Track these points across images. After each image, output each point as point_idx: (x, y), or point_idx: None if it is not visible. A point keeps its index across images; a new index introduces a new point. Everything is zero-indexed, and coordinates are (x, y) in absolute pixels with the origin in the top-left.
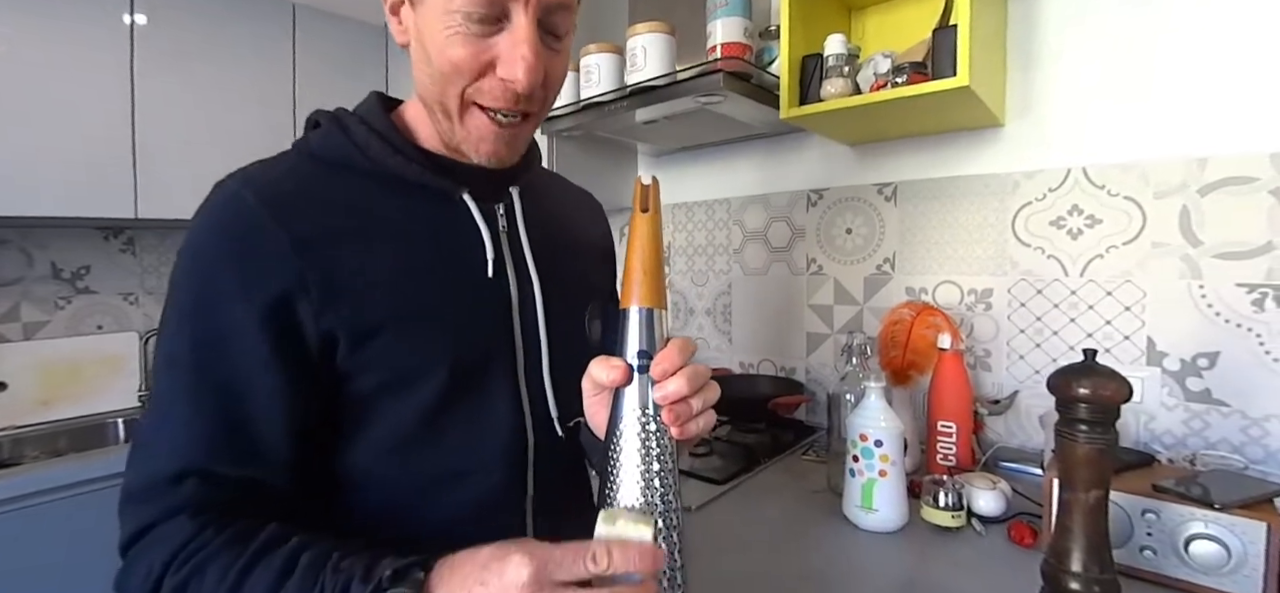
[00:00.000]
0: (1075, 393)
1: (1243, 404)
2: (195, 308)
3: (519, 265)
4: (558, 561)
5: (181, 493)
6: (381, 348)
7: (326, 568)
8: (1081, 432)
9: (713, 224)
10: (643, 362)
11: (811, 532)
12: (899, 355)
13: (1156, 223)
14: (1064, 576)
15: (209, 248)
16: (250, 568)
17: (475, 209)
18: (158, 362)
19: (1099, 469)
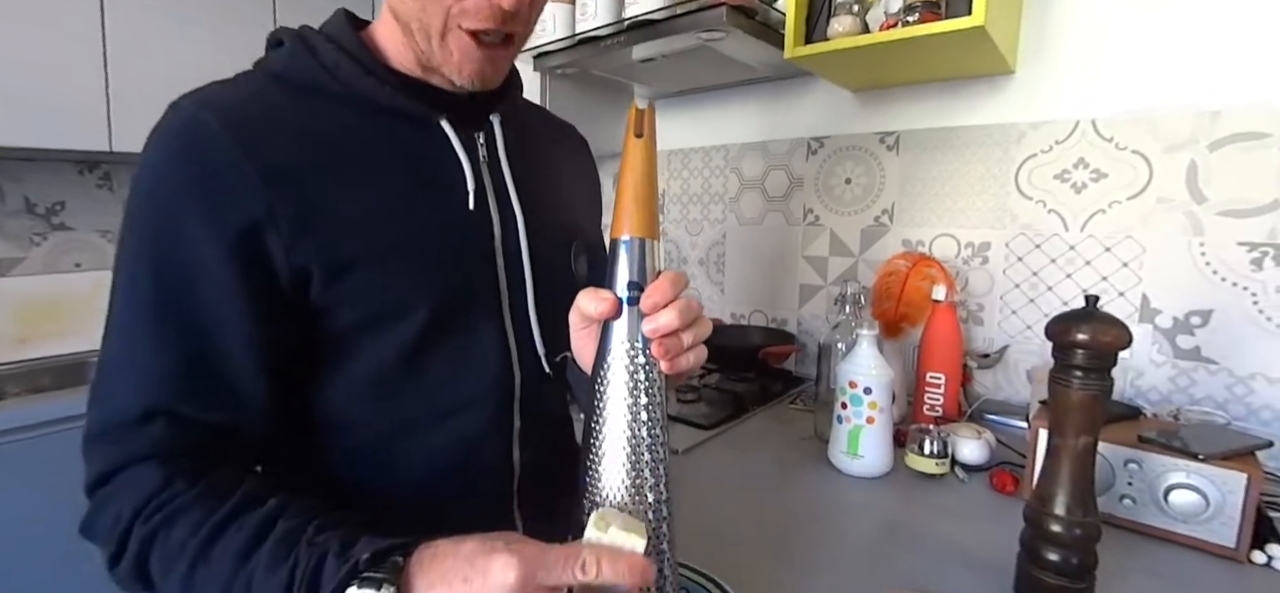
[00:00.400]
0: (1073, 339)
1: (1230, 363)
2: (155, 240)
3: (501, 197)
4: (547, 565)
5: (149, 436)
6: (358, 283)
7: (302, 541)
8: (1076, 377)
9: (709, 172)
10: (633, 294)
11: (796, 476)
12: (892, 307)
13: (1163, 178)
14: (1047, 518)
15: (169, 175)
16: (223, 526)
17: (454, 137)
18: (116, 295)
19: (1091, 416)
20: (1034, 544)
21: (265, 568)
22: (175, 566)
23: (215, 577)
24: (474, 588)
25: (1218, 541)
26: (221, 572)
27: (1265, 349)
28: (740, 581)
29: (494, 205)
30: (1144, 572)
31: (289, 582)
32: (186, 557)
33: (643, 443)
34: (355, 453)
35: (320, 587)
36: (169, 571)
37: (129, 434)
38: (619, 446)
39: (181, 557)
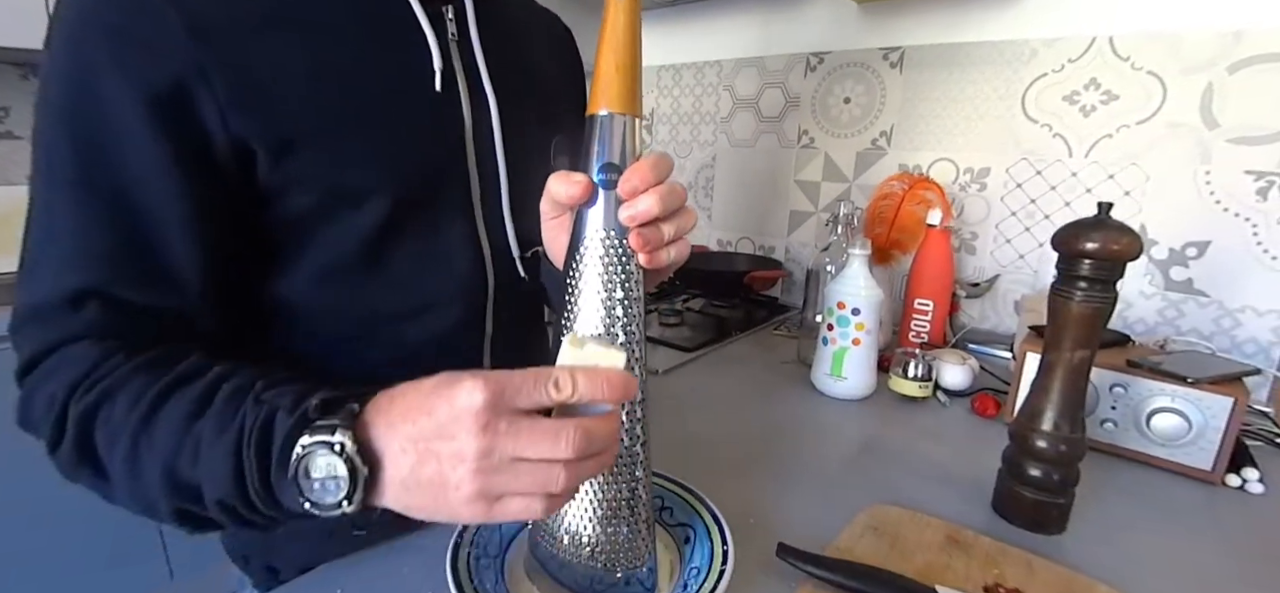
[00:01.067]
0: (1081, 248)
1: (1222, 295)
2: (74, 105)
3: (473, 82)
4: (516, 387)
5: (82, 318)
6: (310, 163)
7: (248, 398)
8: (1080, 290)
9: (701, 90)
10: (609, 177)
11: (777, 397)
12: (884, 233)
13: (1176, 101)
14: (1033, 434)
15: (85, 28)
16: (165, 396)
17: (419, 9)
18: (36, 169)
19: (1091, 330)
20: (1017, 460)
21: (212, 430)
22: (118, 440)
23: (160, 447)
24: (438, 418)
25: (1195, 463)
26: (166, 440)
27: (1258, 281)
28: (716, 493)
29: (464, 90)
30: (1118, 491)
31: (237, 442)
32: (129, 430)
33: (617, 341)
34: (316, 354)
35: (271, 443)
36: (113, 446)
37: (59, 316)
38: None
39: (124, 431)
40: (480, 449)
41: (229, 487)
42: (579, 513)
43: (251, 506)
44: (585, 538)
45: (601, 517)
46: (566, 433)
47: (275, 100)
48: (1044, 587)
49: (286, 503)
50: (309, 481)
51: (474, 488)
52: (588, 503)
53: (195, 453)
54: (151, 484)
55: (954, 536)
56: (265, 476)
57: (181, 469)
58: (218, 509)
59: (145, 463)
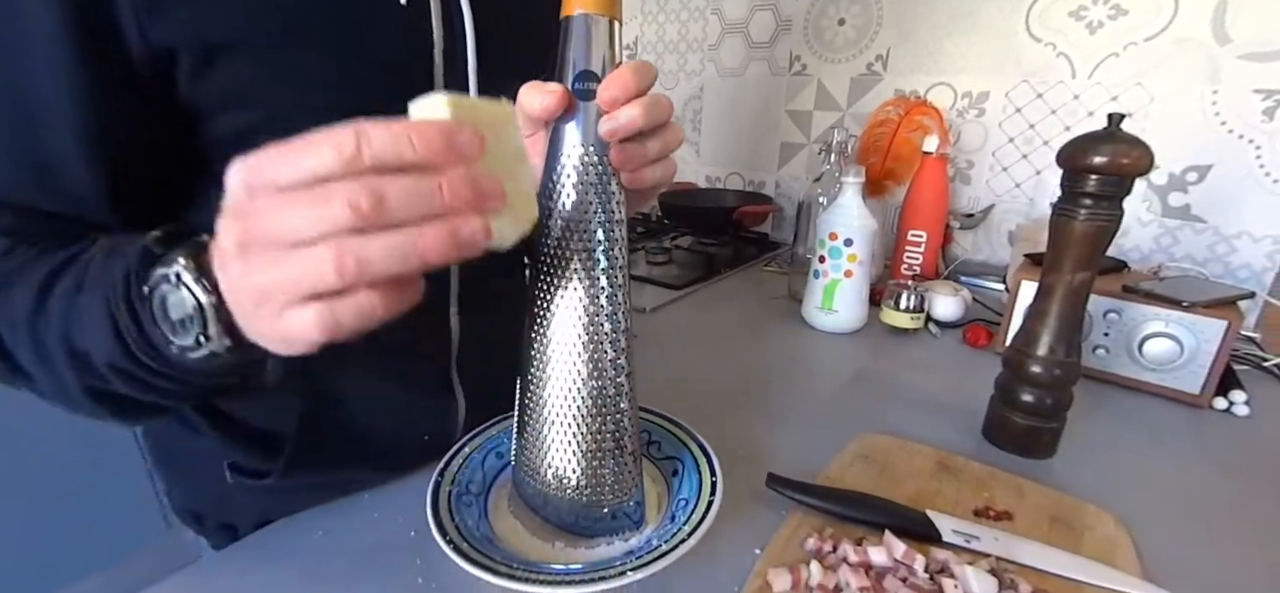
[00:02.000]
0: (1089, 162)
1: (1218, 221)
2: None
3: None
4: (276, 154)
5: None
6: (240, 74)
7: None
8: (1085, 206)
9: (687, 15)
10: (587, 86)
11: (767, 332)
12: (878, 162)
13: (1188, 14)
14: (1027, 359)
15: None
16: (56, 274)
17: None
18: None
19: (1094, 250)
20: (1011, 386)
21: (89, 293)
22: (19, 329)
23: (55, 325)
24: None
25: (1184, 387)
26: (58, 316)
27: (1257, 205)
28: (706, 428)
29: (436, 4)
30: (1108, 416)
31: (107, 297)
32: (26, 315)
33: (598, 267)
34: None
35: (130, 289)
36: (16, 335)
37: None
38: (571, 271)
39: (22, 317)
40: (238, 240)
41: (112, 345)
42: (563, 449)
43: (139, 363)
44: (570, 473)
45: (586, 451)
46: (340, 193)
47: (205, 9)
48: (1034, 509)
49: (164, 353)
50: (170, 323)
51: (251, 292)
52: (572, 438)
53: (81, 320)
54: (58, 366)
55: (944, 462)
56: (138, 326)
57: (74, 338)
58: (115, 376)
59: (49, 345)
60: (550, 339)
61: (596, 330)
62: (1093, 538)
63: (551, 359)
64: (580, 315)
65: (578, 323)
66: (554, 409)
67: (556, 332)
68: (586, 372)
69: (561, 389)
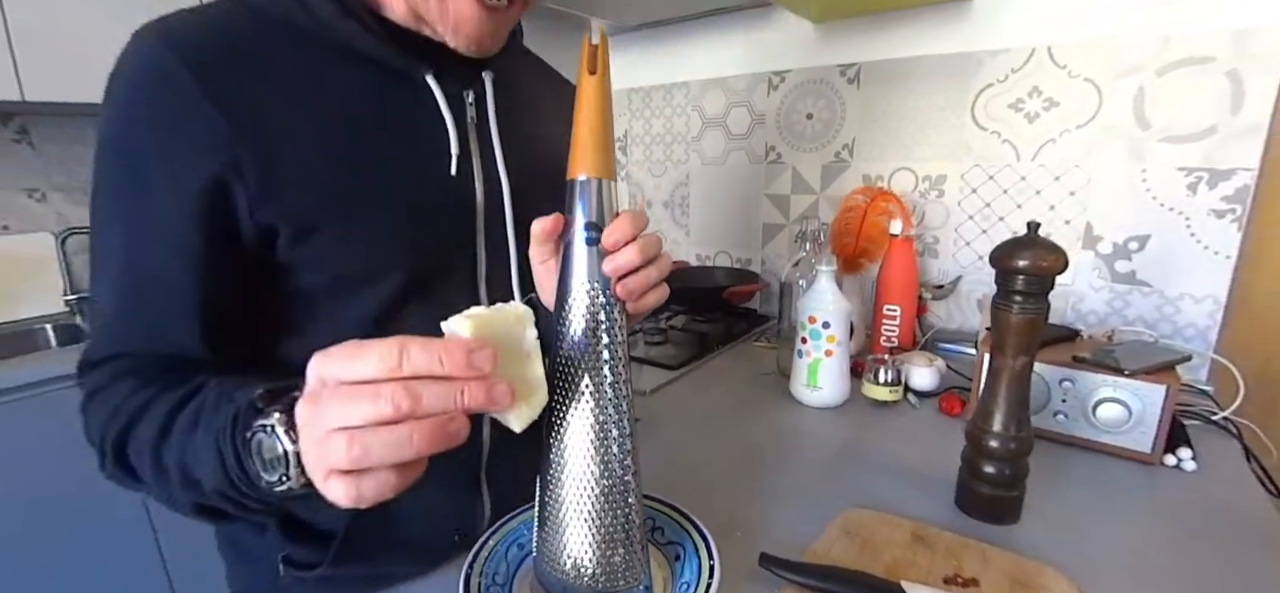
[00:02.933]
0: (1014, 265)
1: (1162, 284)
2: (120, 191)
3: (487, 161)
4: (335, 356)
5: (118, 367)
6: (326, 245)
7: (236, 389)
8: (1016, 302)
9: (671, 111)
10: (591, 234)
11: (759, 409)
12: (851, 243)
13: (1111, 105)
14: (985, 435)
15: (132, 125)
16: (173, 415)
17: (440, 95)
18: (94, 237)
19: (1029, 337)
20: (973, 460)
21: (203, 432)
22: (144, 455)
23: (174, 455)
24: None
25: (1136, 447)
26: (177, 449)
27: (1193, 270)
28: (706, 509)
29: (478, 170)
30: (1071, 480)
31: (216, 437)
32: (150, 446)
33: (605, 381)
34: None
35: (235, 432)
36: (141, 459)
37: (101, 368)
38: (582, 387)
39: (147, 447)
40: (307, 418)
41: (219, 476)
42: (579, 541)
43: (238, 489)
44: (586, 563)
45: (600, 542)
46: (385, 393)
47: (300, 189)
48: (998, 573)
49: (258, 484)
50: (262, 460)
51: (319, 463)
52: (587, 530)
53: (196, 454)
54: (174, 486)
55: (919, 533)
56: (240, 463)
57: (190, 468)
58: (218, 498)
59: (167, 465)
60: (566, 444)
61: (604, 434)
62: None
63: (567, 461)
64: (591, 423)
65: (589, 429)
66: (570, 505)
67: (571, 437)
68: (598, 471)
69: (576, 487)
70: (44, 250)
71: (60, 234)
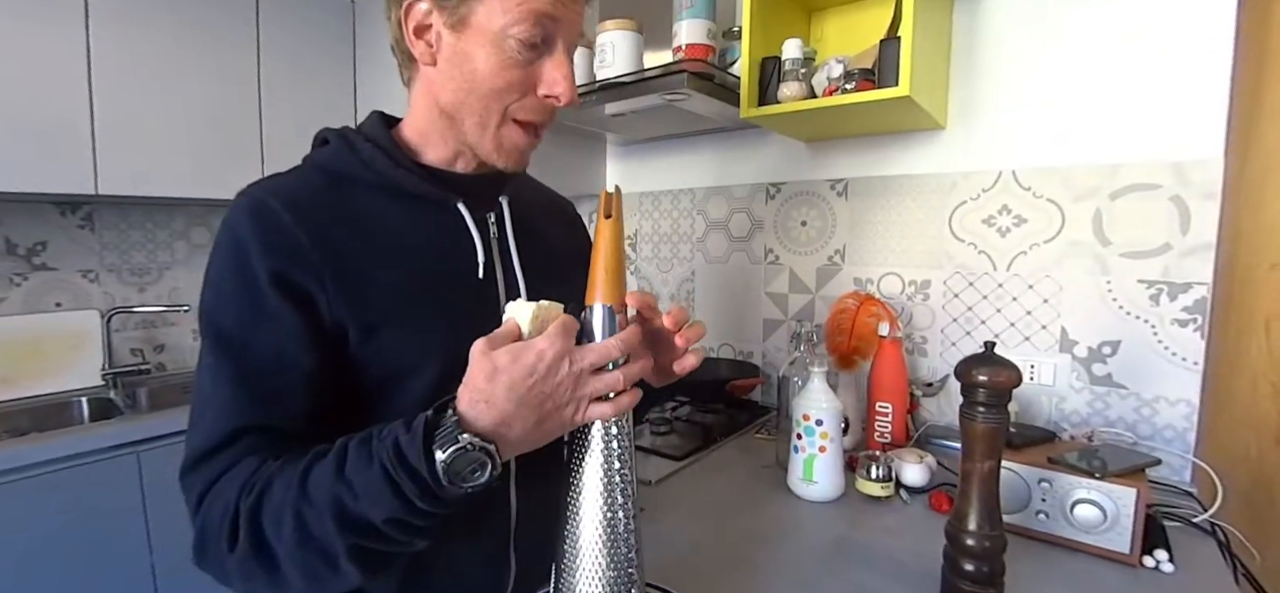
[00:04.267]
0: (975, 379)
1: (1137, 387)
2: (234, 293)
3: (507, 268)
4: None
5: (239, 447)
6: (384, 341)
7: (373, 438)
8: (979, 412)
9: (677, 213)
10: None
11: (757, 501)
12: (845, 341)
13: (1074, 223)
14: (963, 534)
15: (244, 243)
16: (309, 470)
17: (469, 217)
18: (204, 342)
19: (993, 443)
20: (954, 557)
21: (360, 473)
22: (283, 517)
23: (321, 502)
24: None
25: (1115, 548)
26: (324, 496)
27: (1165, 374)
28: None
29: (500, 275)
30: (1055, 581)
31: (384, 470)
32: (290, 505)
33: (614, 473)
34: None
35: (406, 457)
36: (279, 525)
37: (222, 451)
38: (594, 481)
39: (286, 506)
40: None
41: (394, 504)
42: None
43: (415, 509)
44: None
45: None
46: (613, 343)
47: (365, 296)
48: None
49: (449, 496)
50: (461, 475)
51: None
52: None
53: (353, 493)
54: (324, 534)
55: None
56: (424, 486)
57: (348, 509)
58: (390, 526)
59: (311, 521)
60: (579, 533)
61: (613, 525)
62: None
63: (580, 550)
64: (600, 512)
65: (598, 518)
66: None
67: (583, 526)
68: (605, 561)
69: (586, 577)
70: (90, 327)
71: (106, 313)
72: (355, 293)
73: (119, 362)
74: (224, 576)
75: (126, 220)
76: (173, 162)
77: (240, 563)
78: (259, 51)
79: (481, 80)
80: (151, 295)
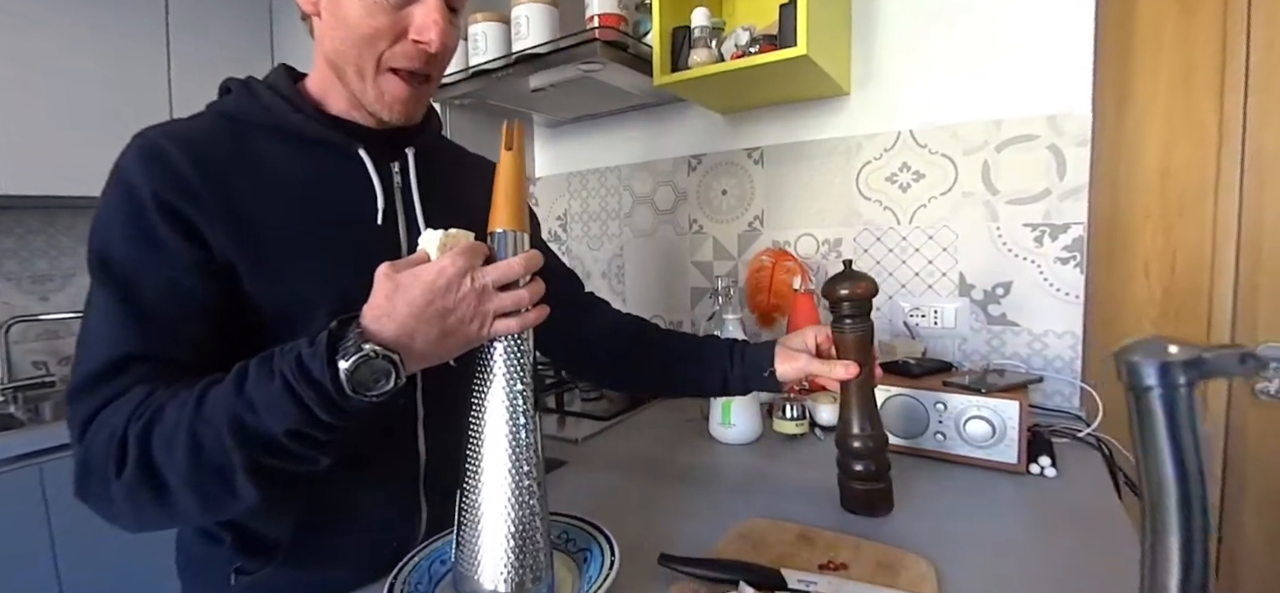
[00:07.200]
0: (839, 294)
1: (1028, 323)
2: (124, 226)
3: (410, 217)
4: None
5: (131, 375)
6: (276, 281)
7: (274, 356)
8: (847, 324)
9: (605, 191)
10: None
11: (680, 448)
12: (765, 299)
13: (965, 176)
14: (849, 438)
15: (135, 179)
16: (205, 392)
17: (370, 164)
18: (94, 281)
19: (864, 351)
20: (844, 461)
21: (261, 390)
22: (176, 437)
23: (217, 420)
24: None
25: (1004, 459)
26: (221, 413)
27: (1052, 309)
28: (619, 527)
29: (402, 225)
30: (946, 489)
31: (287, 384)
32: (184, 424)
33: (518, 409)
34: None
35: (310, 372)
36: (171, 447)
37: (111, 377)
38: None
39: (179, 427)
40: (474, 290)
41: (295, 415)
42: (491, 551)
43: (317, 420)
44: (496, 570)
45: (508, 551)
46: (516, 261)
47: (256, 235)
48: (866, 559)
49: (353, 406)
50: (365, 384)
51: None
52: (498, 542)
53: (253, 409)
54: (220, 452)
55: (805, 534)
56: (327, 396)
57: (247, 424)
58: (292, 439)
59: (206, 440)
60: (482, 467)
61: (516, 443)
62: (907, 577)
63: (483, 481)
64: (504, 445)
65: (500, 440)
66: (484, 520)
67: (487, 458)
68: (510, 488)
69: (490, 504)
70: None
71: (4, 324)
72: (246, 232)
73: (20, 375)
74: (108, 506)
75: (23, 225)
76: (73, 158)
77: (127, 489)
78: (169, 42)
79: (353, 27)
80: (54, 304)
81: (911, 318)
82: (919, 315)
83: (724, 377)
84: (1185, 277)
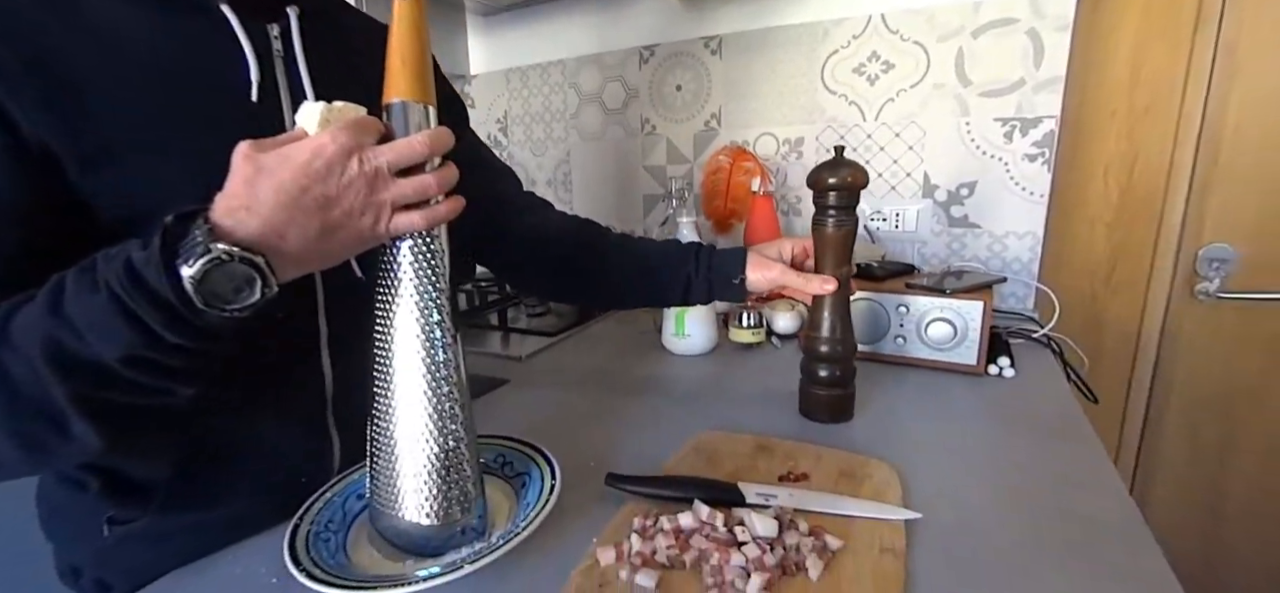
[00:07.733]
0: (827, 182)
1: (990, 224)
2: None
3: (296, 93)
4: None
5: None
6: (119, 175)
7: (97, 263)
8: (830, 218)
9: (548, 89)
10: None
11: (632, 362)
12: (722, 204)
13: (938, 65)
14: (817, 341)
15: None
16: (13, 312)
17: (238, 25)
18: None
19: (845, 250)
20: (809, 366)
21: (82, 307)
22: None
23: (30, 347)
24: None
25: (964, 361)
26: (35, 338)
27: (1013, 209)
28: (563, 446)
29: (286, 101)
30: (906, 393)
31: (117, 298)
32: None
33: (431, 318)
34: None
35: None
36: None
37: None
38: (408, 312)
39: None
40: (363, 174)
41: (131, 337)
42: (410, 480)
43: (161, 342)
44: (421, 497)
45: (429, 480)
46: (418, 139)
47: (82, 112)
48: (827, 468)
49: (209, 323)
50: (222, 296)
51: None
52: (417, 469)
53: (75, 331)
54: (38, 387)
55: (762, 444)
56: (170, 310)
57: (68, 350)
58: (131, 367)
59: (18, 373)
60: (393, 390)
61: (434, 374)
62: (870, 484)
63: (395, 405)
64: (419, 365)
65: (416, 369)
66: (400, 449)
67: (398, 380)
68: (428, 412)
69: (406, 431)
70: None
71: None
72: (70, 112)
73: None
74: None
75: None
76: None
77: None
78: None
79: None
80: None
81: (872, 221)
82: (880, 219)
83: (687, 284)
84: (1143, 180)
